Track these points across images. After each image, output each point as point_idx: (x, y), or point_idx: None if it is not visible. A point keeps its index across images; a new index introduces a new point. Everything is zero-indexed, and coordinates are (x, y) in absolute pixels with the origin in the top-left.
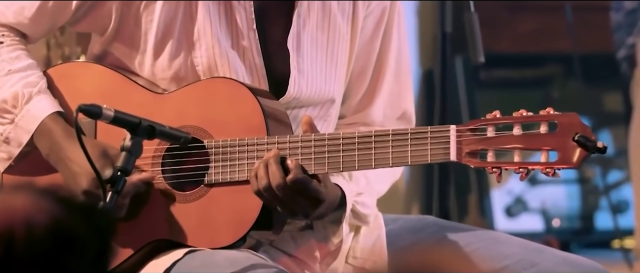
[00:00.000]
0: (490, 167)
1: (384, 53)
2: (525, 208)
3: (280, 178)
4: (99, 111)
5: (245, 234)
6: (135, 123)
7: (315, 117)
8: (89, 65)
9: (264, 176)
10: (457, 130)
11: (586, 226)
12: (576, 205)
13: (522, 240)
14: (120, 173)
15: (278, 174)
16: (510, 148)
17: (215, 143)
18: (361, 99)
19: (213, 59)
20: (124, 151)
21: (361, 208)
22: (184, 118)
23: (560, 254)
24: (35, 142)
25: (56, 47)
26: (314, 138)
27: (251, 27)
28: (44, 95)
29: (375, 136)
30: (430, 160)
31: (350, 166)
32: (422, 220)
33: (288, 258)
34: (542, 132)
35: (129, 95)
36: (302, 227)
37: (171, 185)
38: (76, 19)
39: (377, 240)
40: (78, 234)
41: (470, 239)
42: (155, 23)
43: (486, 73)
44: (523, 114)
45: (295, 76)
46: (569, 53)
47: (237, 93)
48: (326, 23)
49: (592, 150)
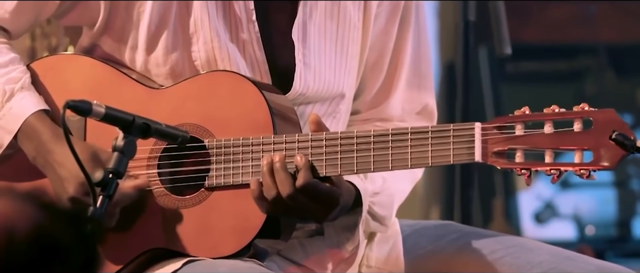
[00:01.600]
0: (519, 168)
1: (401, 42)
2: (555, 214)
3: (290, 186)
4: (89, 108)
5: (250, 242)
6: (129, 121)
7: (324, 114)
8: (78, 58)
9: (272, 186)
10: (483, 128)
11: (623, 234)
12: (612, 211)
13: (552, 247)
14: (112, 175)
15: (287, 182)
16: (541, 148)
17: (216, 143)
18: (377, 93)
19: (212, 53)
20: (116, 151)
21: (379, 210)
22: (182, 115)
23: (595, 262)
24: (20, 143)
25: (42, 37)
26: (325, 137)
27: (250, 18)
28: (28, 92)
29: (393, 135)
30: (453, 160)
31: (366, 168)
32: (443, 226)
33: (297, 268)
34: (576, 130)
35: (121, 90)
36: (311, 233)
37: (168, 189)
38: (62, 12)
39: (393, 248)
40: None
41: (495, 246)
42: (148, 14)
43: (513, 65)
44: (555, 110)
45: (301, 70)
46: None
47: (240, 87)
48: (335, 10)
49: (631, 149)
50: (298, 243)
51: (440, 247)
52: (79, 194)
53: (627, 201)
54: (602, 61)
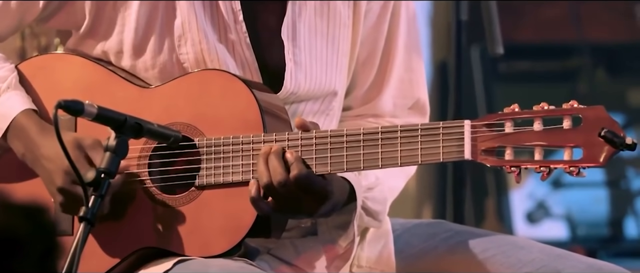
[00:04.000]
0: (508, 165)
1: (392, 38)
2: (548, 214)
3: (282, 173)
4: (81, 107)
5: (241, 241)
6: (121, 120)
7: (316, 112)
8: (68, 57)
9: (265, 171)
10: (472, 125)
11: (615, 234)
12: (604, 211)
13: (544, 246)
14: (104, 175)
15: (280, 169)
16: (530, 146)
17: (206, 141)
18: (369, 89)
19: (201, 55)
20: (108, 151)
21: (372, 205)
22: (172, 114)
23: (586, 260)
24: (10, 143)
25: (32, 37)
26: (315, 135)
27: (237, 18)
28: (15, 91)
29: (383, 133)
30: (443, 158)
31: (355, 166)
32: (434, 224)
33: (288, 267)
34: (566, 127)
35: (111, 89)
36: (304, 233)
37: (159, 188)
38: (46, 16)
39: (385, 248)
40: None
41: (487, 245)
42: (134, 18)
43: (505, 65)
44: (544, 108)
45: (292, 69)
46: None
47: (231, 86)
48: (325, 9)
49: (621, 147)
50: (290, 243)
51: (431, 246)
52: (66, 184)
53: (619, 201)
54: (595, 61)
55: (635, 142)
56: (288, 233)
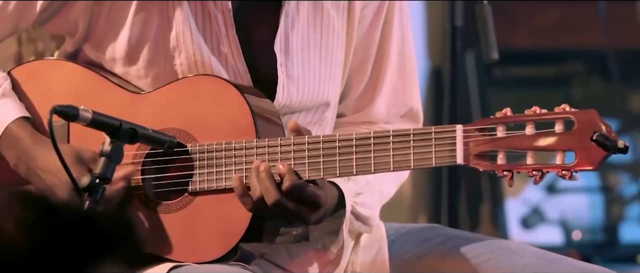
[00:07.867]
0: (500, 170)
1: (384, 45)
2: (542, 219)
3: (275, 194)
4: (76, 113)
5: (235, 246)
6: (116, 126)
7: (309, 123)
8: (60, 63)
9: (257, 187)
10: (464, 130)
11: (610, 239)
12: (599, 216)
13: (537, 250)
14: (99, 180)
15: (273, 191)
16: (522, 149)
17: (199, 147)
18: (361, 96)
19: (195, 67)
20: (103, 157)
21: (362, 210)
22: (165, 120)
23: (580, 265)
24: (2, 151)
25: (28, 42)
26: (307, 141)
27: (230, 30)
28: (8, 99)
29: (375, 138)
30: (435, 163)
31: (348, 171)
32: (428, 229)
33: (282, 272)
34: (558, 131)
35: (104, 94)
36: (297, 238)
37: (152, 194)
38: (42, 21)
39: (379, 253)
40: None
41: (480, 250)
42: (128, 27)
43: (500, 71)
44: (536, 112)
45: (284, 82)
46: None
47: (223, 92)
48: (319, 20)
49: (612, 150)
50: (283, 247)
51: (425, 251)
52: (72, 197)
53: (614, 206)
54: (590, 66)
55: (627, 145)
56: (281, 238)
